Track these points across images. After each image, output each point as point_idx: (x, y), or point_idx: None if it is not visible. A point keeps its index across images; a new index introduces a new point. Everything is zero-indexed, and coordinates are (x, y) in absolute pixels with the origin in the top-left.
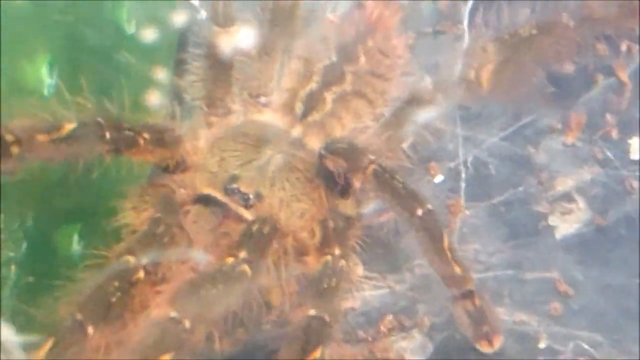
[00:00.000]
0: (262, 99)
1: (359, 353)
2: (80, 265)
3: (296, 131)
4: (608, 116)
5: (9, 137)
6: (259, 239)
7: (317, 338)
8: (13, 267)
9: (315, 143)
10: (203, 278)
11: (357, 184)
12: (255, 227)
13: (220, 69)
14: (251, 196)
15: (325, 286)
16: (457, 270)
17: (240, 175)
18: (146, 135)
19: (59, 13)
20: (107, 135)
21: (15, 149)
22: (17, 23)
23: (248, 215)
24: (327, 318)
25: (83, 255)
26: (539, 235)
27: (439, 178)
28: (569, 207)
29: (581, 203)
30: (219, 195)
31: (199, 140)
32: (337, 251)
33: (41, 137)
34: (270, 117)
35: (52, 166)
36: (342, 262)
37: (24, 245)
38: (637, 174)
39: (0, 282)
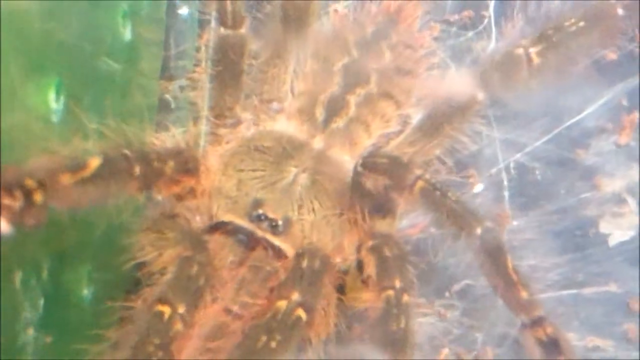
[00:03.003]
0: (275, 105)
1: None
2: (104, 320)
3: (318, 142)
4: None
5: (29, 183)
6: (311, 276)
7: None
8: (31, 331)
9: (340, 154)
10: (258, 329)
11: (402, 203)
12: (304, 263)
13: (229, 74)
14: (280, 222)
15: (395, 328)
16: (524, 294)
17: (264, 199)
18: (171, 164)
19: (47, 22)
20: (137, 169)
21: (38, 197)
22: (15, 41)
23: (278, 242)
24: None
25: (100, 305)
26: (598, 246)
27: (478, 187)
28: (622, 210)
29: (634, 205)
30: (243, 223)
31: (209, 158)
32: (398, 284)
33: (65, 179)
34: (286, 126)
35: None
36: (406, 297)
37: (42, 302)
38: None
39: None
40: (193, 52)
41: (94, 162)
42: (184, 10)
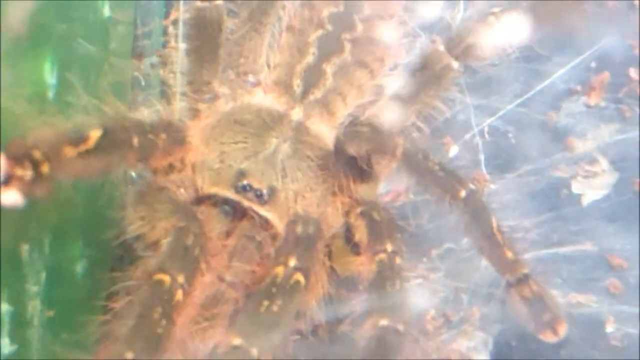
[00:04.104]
0: (251, 78)
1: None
2: (97, 294)
3: (297, 113)
4: (631, 70)
5: (36, 155)
6: (306, 242)
7: (394, 352)
8: (36, 303)
9: (319, 125)
10: (259, 295)
11: (384, 169)
12: (299, 229)
13: (206, 48)
14: (265, 192)
15: (390, 290)
16: (509, 254)
17: (248, 170)
18: (163, 136)
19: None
20: (135, 141)
21: (45, 168)
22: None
23: (264, 212)
24: (400, 327)
25: (92, 279)
26: (572, 206)
27: (454, 150)
28: (594, 170)
29: (605, 164)
30: (229, 194)
31: (190, 133)
32: (389, 247)
33: (69, 151)
34: (263, 98)
35: None
36: (398, 260)
37: (44, 276)
38: None
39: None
40: (160, 30)
41: (95, 134)
42: None
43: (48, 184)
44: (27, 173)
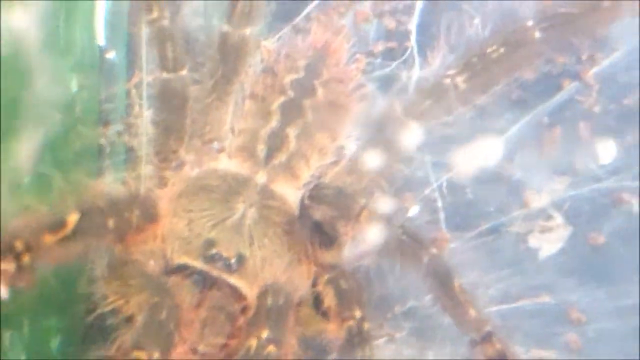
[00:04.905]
0: (215, 145)
1: None
2: None
3: (261, 177)
4: (582, 124)
5: (18, 246)
6: (277, 313)
7: None
8: None
9: (283, 187)
10: None
11: (348, 233)
12: (270, 301)
13: (173, 118)
14: (233, 260)
15: (360, 357)
16: (472, 312)
17: (216, 238)
18: (137, 212)
19: None
20: (110, 222)
21: (27, 259)
22: None
23: (233, 280)
24: None
25: (66, 355)
26: (534, 260)
27: (414, 210)
28: (549, 224)
29: (560, 219)
30: (198, 264)
31: (158, 202)
32: (358, 314)
33: (48, 238)
34: (228, 164)
35: None
36: (367, 325)
37: (24, 358)
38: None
39: None
40: (122, 95)
41: (72, 218)
42: (111, 55)
43: (31, 274)
44: (11, 266)
